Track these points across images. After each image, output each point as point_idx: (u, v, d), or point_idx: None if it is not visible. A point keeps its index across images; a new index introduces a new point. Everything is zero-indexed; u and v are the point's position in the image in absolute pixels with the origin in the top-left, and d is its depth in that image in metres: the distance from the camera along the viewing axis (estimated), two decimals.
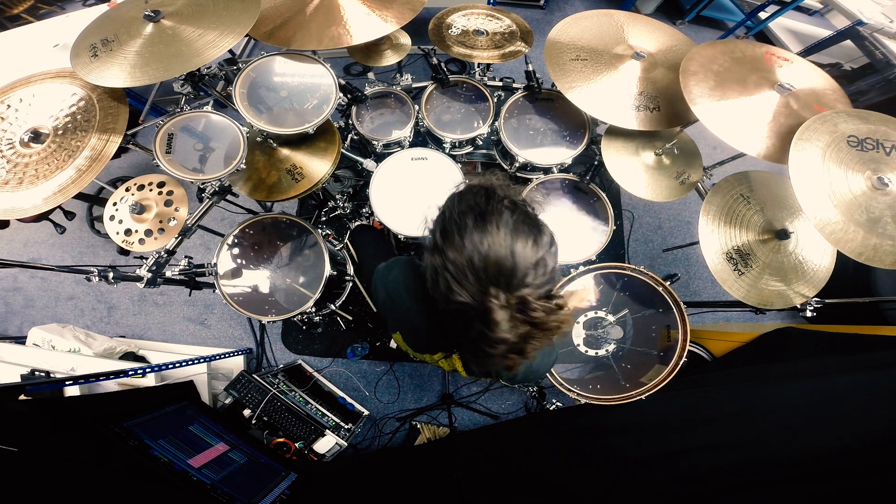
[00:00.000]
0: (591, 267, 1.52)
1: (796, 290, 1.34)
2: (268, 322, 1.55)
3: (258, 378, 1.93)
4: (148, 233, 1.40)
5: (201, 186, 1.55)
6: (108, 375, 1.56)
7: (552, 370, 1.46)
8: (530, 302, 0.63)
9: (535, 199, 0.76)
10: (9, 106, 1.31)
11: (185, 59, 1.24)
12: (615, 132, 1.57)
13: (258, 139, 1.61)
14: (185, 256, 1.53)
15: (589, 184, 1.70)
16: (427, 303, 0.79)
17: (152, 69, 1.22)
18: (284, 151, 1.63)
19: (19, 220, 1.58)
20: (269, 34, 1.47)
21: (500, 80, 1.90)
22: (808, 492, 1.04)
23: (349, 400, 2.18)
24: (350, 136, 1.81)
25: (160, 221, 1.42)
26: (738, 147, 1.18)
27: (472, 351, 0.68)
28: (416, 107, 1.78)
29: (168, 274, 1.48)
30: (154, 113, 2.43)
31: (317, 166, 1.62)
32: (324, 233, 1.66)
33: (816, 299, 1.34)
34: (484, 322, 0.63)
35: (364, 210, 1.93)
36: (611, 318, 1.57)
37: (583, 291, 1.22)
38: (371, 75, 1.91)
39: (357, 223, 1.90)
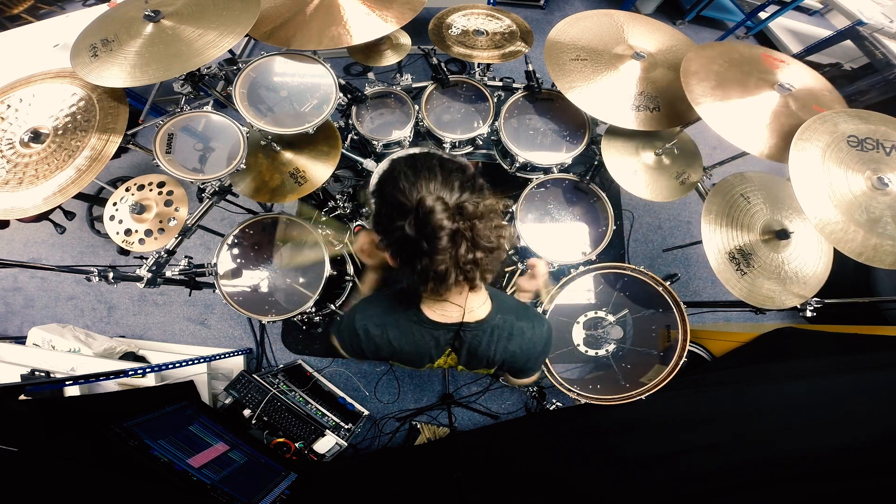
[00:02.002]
0: (591, 267, 1.52)
1: (796, 290, 1.34)
2: (268, 322, 1.55)
3: (258, 378, 1.93)
4: (148, 233, 1.40)
5: (201, 186, 1.55)
6: (108, 375, 1.56)
7: (552, 371, 1.46)
8: (466, 204, 0.72)
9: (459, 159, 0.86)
10: (9, 106, 1.31)
11: (185, 59, 1.24)
12: (615, 132, 1.57)
13: (262, 142, 1.61)
14: (185, 256, 1.53)
15: (589, 184, 1.70)
16: (393, 313, 0.91)
17: (152, 69, 1.22)
18: (288, 155, 1.64)
19: (19, 220, 1.57)
20: (269, 34, 1.47)
21: (500, 80, 1.90)
22: (808, 492, 1.04)
23: (349, 400, 2.18)
24: (350, 136, 1.81)
25: (160, 221, 1.42)
26: (741, 146, 1.18)
27: (423, 273, 0.75)
28: (416, 107, 1.78)
29: (168, 274, 1.48)
30: (154, 113, 2.43)
31: (320, 170, 1.62)
32: (324, 233, 1.66)
33: (816, 299, 1.34)
34: (420, 218, 0.70)
35: (364, 210, 1.93)
36: (611, 318, 1.57)
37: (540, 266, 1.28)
38: (371, 75, 1.91)
39: (357, 223, 1.90)
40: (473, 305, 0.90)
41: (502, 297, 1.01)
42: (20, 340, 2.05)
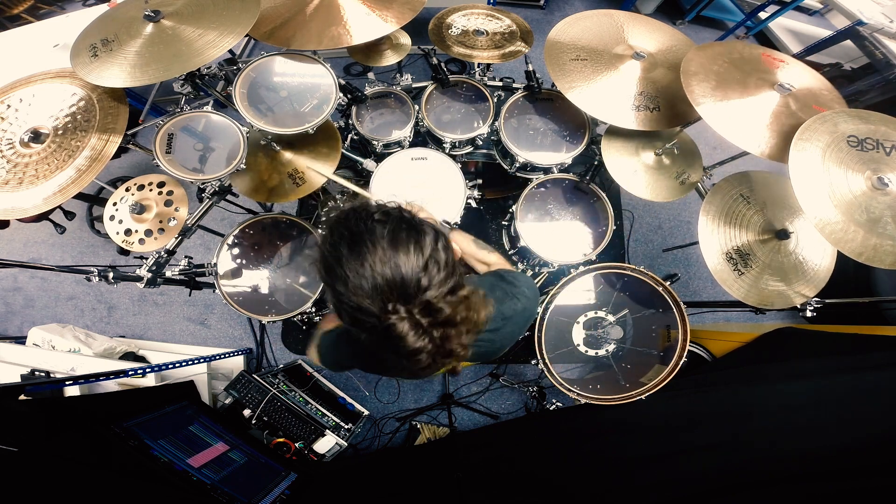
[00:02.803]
0: (591, 267, 1.52)
1: (796, 290, 1.34)
2: (268, 322, 1.55)
3: (258, 378, 1.93)
4: (148, 233, 1.40)
5: (201, 186, 1.55)
6: (108, 375, 1.56)
7: (552, 371, 1.46)
8: (434, 303, 0.62)
9: (411, 203, 0.75)
10: (9, 106, 1.31)
11: (185, 59, 1.24)
12: (615, 132, 1.57)
13: (262, 142, 1.61)
14: (185, 256, 1.53)
15: (589, 184, 1.70)
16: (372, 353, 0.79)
17: (152, 69, 1.22)
18: (287, 155, 1.63)
19: (19, 220, 1.57)
20: (269, 34, 1.47)
21: (500, 80, 1.90)
22: (808, 492, 1.04)
23: (349, 400, 2.18)
24: (350, 136, 1.81)
25: (160, 221, 1.42)
26: (742, 146, 1.18)
27: (405, 369, 0.67)
28: (416, 107, 1.78)
29: (168, 274, 1.48)
30: (154, 113, 2.43)
31: (319, 170, 1.61)
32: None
33: (816, 299, 1.34)
34: (390, 339, 0.62)
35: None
36: (611, 318, 1.57)
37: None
38: (371, 75, 1.91)
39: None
40: None
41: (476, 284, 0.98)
42: (20, 340, 2.05)
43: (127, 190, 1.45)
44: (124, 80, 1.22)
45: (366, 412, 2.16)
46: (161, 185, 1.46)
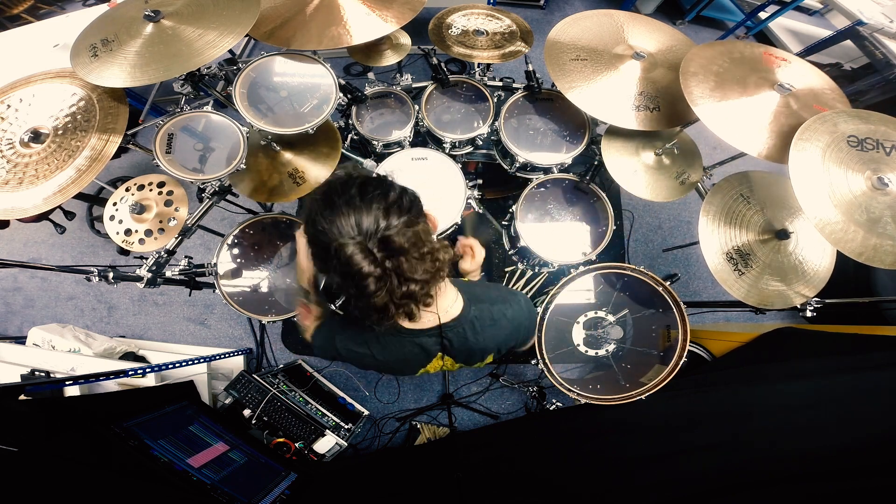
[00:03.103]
0: (591, 267, 1.52)
1: (796, 290, 1.34)
2: (268, 322, 1.55)
3: (258, 378, 1.93)
4: (148, 233, 1.40)
5: (201, 186, 1.55)
6: (108, 375, 1.56)
7: (552, 371, 1.46)
8: (388, 236, 0.67)
9: (382, 169, 0.82)
10: (9, 106, 1.31)
11: (185, 59, 1.24)
12: (615, 132, 1.57)
13: (262, 142, 1.61)
14: (185, 256, 1.53)
15: (589, 184, 1.70)
16: (371, 330, 0.86)
17: (152, 69, 1.22)
18: (287, 155, 1.64)
19: (19, 220, 1.57)
20: (269, 34, 1.47)
21: (500, 80, 1.90)
22: (808, 492, 1.04)
23: (349, 400, 2.18)
24: (350, 136, 1.81)
25: (160, 221, 1.42)
26: (739, 147, 1.18)
27: (364, 310, 0.72)
28: (416, 107, 1.78)
29: (168, 274, 1.48)
30: (154, 113, 2.43)
31: (318, 171, 1.62)
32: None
33: (816, 299, 1.34)
34: (343, 265, 0.67)
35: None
36: (611, 318, 1.57)
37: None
38: (371, 75, 1.91)
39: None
40: (445, 305, 0.89)
41: (470, 287, 1.00)
42: (20, 340, 2.05)
43: (127, 190, 1.45)
44: (124, 80, 1.22)
45: (366, 412, 2.16)
46: (161, 185, 1.46)
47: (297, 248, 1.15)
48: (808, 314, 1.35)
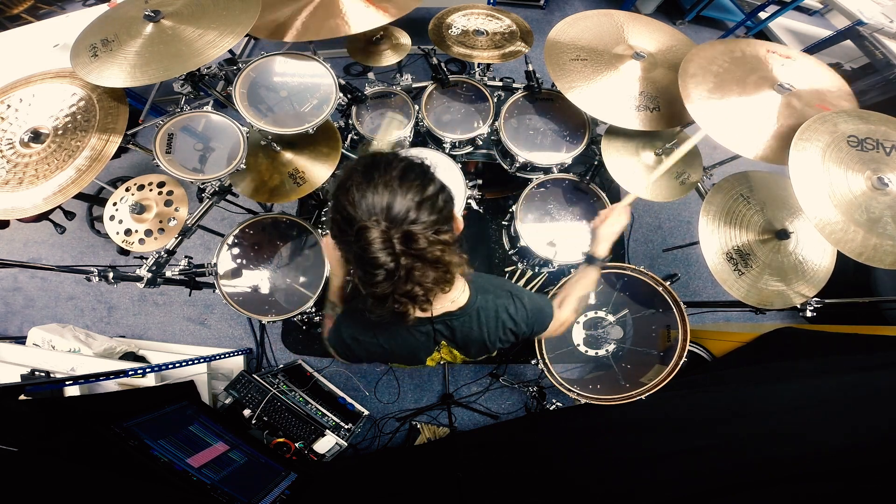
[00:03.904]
0: None
1: (796, 290, 1.34)
2: (268, 322, 1.55)
3: (258, 378, 1.93)
4: (148, 233, 1.40)
5: (201, 186, 1.55)
6: (108, 375, 1.56)
7: (552, 371, 1.46)
8: (414, 233, 0.66)
9: (423, 156, 0.82)
10: (9, 106, 1.31)
11: (185, 59, 1.24)
12: (615, 132, 1.57)
13: (262, 142, 1.61)
14: (185, 256, 1.53)
15: (589, 184, 1.70)
16: (379, 326, 0.87)
17: (152, 69, 1.22)
18: (288, 155, 1.64)
19: (19, 220, 1.57)
20: (270, 32, 1.47)
21: (500, 80, 1.90)
22: (808, 492, 1.04)
23: (349, 400, 2.18)
24: (350, 136, 1.81)
25: (160, 221, 1.42)
26: (735, 150, 1.19)
27: (365, 284, 0.71)
28: (416, 107, 1.78)
29: (168, 274, 1.48)
30: (154, 113, 2.43)
31: (319, 171, 1.62)
32: (324, 233, 1.66)
33: (816, 299, 1.34)
34: (360, 244, 0.66)
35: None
36: (611, 318, 1.57)
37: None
38: (371, 75, 1.91)
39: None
40: (452, 296, 0.89)
41: (478, 278, 0.99)
42: (20, 340, 2.05)
43: (127, 190, 1.45)
44: (124, 80, 1.22)
45: (366, 412, 2.16)
46: (161, 185, 1.46)
47: (326, 252, 1.14)
48: (808, 314, 1.35)
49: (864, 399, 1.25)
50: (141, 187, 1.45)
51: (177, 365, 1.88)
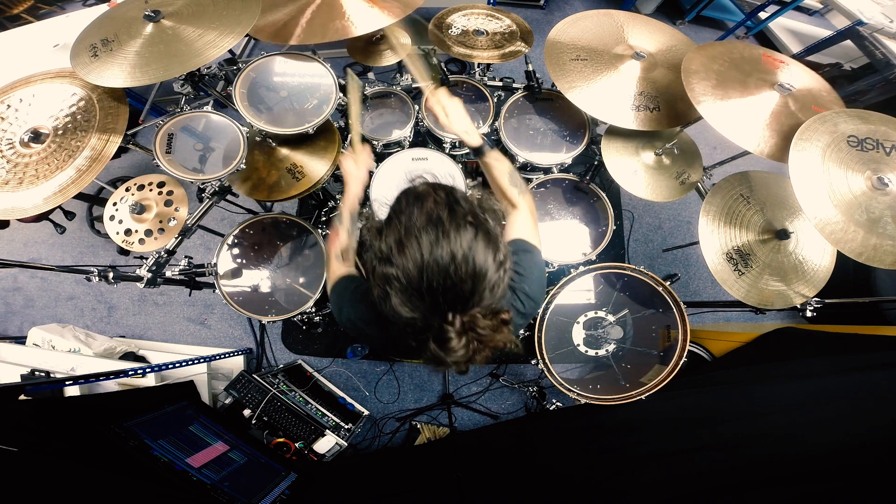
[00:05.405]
0: (591, 267, 1.52)
1: (796, 290, 1.34)
2: (268, 322, 1.55)
3: (258, 378, 1.93)
4: (148, 233, 1.40)
5: (201, 186, 1.55)
6: (108, 375, 1.56)
7: (552, 371, 1.46)
8: (479, 320, 0.63)
9: (493, 205, 0.75)
10: (9, 106, 1.31)
11: (185, 59, 1.24)
12: (615, 132, 1.57)
13: (257, 139, 1.61)
14: (185, 256, 1.53)
15: (589, 184, 1.70)
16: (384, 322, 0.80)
17: (152, 69, 1.22)
18: (284, 151, 1.63)
19: (19, 220, 1.57)
20: (272, 33, 1.47)
21: (500, 80, 1.90)
22: (808, 492, 1.04)
23: (349, 400, 2.18)
24: (350, 135, 1.81)
25: (160, 221, 1.42)
26: (742, 145, 1.18)
27: (427, 359, 0.69)
28: (416, 107, 1.78)
29: (168, 274, 1.48)
30: (154, 113, 2.43)
31: (317, 165, 1.62)
32: (324, 233, 1.66)
33: (816, 299, 1.34)
34: (438, 342, 0.63)
35: (364, 210, 1.93)
36: (611, 318, 1.57)
37: None
38: (371, 75, 1.91)
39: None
40: None
41: None
42: (20, 340, 2.05)
43: (127, 190, 1.45)
44: (124, 80, 1.22)
45: (366, 412, 2.16)
46: (161, 185, 1.46)
47: (343, 167, 1.08)
48: (808, 314, 1.35)
49: (864, 399, 1.25)
50: (141, 187, 1.45)
51: (177, 365, 1.88)
